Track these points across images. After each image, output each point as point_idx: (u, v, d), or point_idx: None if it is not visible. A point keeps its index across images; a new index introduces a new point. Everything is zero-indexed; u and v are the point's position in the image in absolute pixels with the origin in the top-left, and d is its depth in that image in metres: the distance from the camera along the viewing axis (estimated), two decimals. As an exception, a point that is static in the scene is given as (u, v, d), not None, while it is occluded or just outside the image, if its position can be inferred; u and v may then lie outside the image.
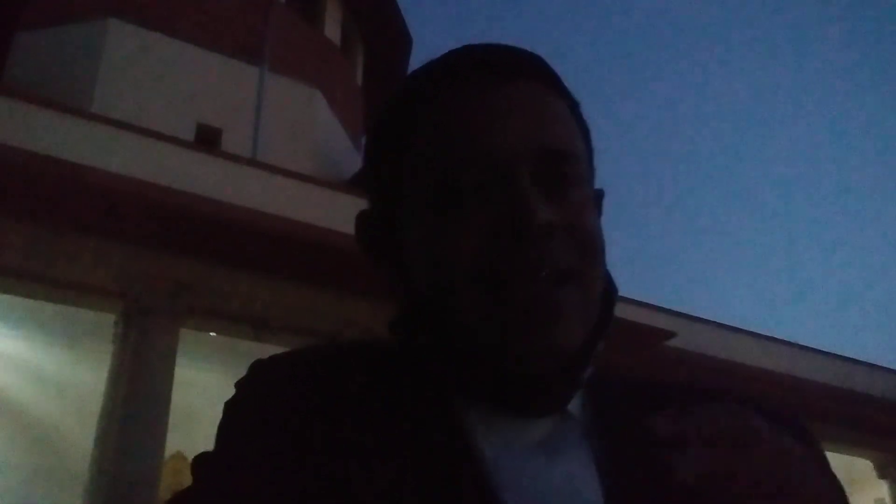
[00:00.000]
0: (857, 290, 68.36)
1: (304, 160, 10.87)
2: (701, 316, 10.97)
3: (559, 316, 0.50)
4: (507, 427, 0.53)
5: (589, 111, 0.62)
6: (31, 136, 6.90)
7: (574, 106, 0.59)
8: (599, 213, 0.60)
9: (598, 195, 0.61)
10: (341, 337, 8.56)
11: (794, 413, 0.58)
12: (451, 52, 0.58)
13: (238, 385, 0.57)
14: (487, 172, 0.52)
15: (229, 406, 0.56)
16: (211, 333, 8.62)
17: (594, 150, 0.61)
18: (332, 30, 13.68)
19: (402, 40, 15.01)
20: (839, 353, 12.56)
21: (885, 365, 12.99)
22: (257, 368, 0.57)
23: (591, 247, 0.53)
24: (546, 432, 0.53)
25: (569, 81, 0.60)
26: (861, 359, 12.77)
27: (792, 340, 12.19)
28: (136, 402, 7.12)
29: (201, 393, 9.49)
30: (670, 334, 9.31)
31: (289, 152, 10.71)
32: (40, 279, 7.39)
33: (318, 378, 0.54)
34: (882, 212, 67.87)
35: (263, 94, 11.20)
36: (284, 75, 11.66)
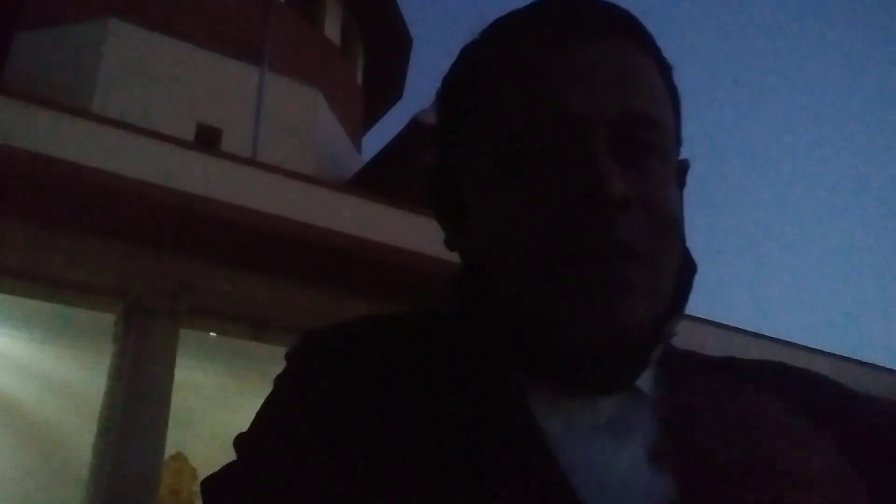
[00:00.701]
0: (857, 290, 68.35)
1: (304, 160, 10.87)
2: (701, 316, 10.97)
3: (625, 293, 0.47)
4: (572, 405, 0.50)
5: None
6: (31, 136, 6.90)
7: (665, 69, 0.54)
8: (682, 185, 0.56)
9: (682, 167, 0.57)
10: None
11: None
12: (536, 2, 0.54)
13: (288, 357, 0.55)
14: (560, 134, 0.48)
15: (279, 379, 0.54)
16: (211, 333, 8.61)
17: (682, 118, 0.56)
18: (332, 30, 13.68)
19: (402, 40, 15.01)
20: (839, 354, 12.57)
21: (885, 365, 13.01)
22: (308, 340, 0.55)
23: (667, 223, 0.49)
24: (613, 411, 0.50)
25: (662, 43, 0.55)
26: (861, 359, 12.79)
27: (792, 340, 12.20)
28: (136, 402, 7.11)
29: (201, 393, 9.51)
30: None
31: (289, 152, 10.71)
32: (40, 279, 7.39)
33: (372, 351, 0.52)
34: (883, 211, 67.87)
35: (263, 94, 11.20)
36: (284, 75, 11.66)
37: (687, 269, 0.54)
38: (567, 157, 0.48)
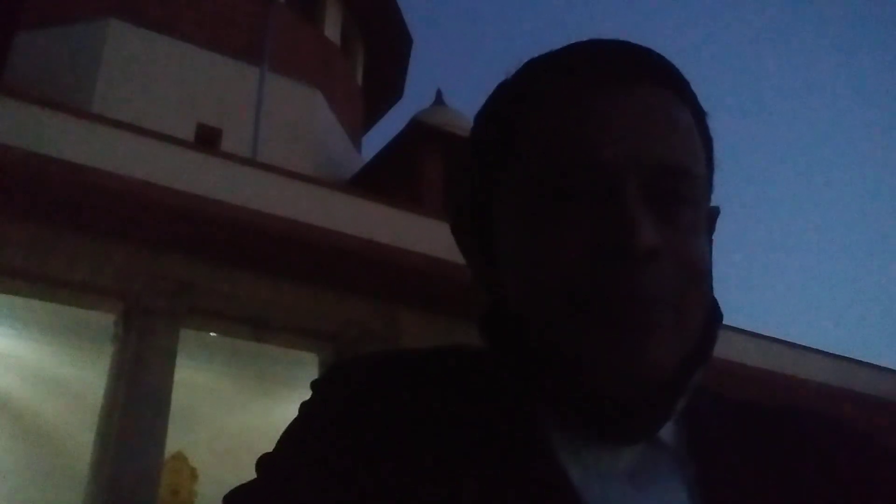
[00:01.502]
0: (857, 290, 68.42)
1: (304, 160, 10.87)
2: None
3: (650, 335, 0.47)
4: (594, 452, 0.50)
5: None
6: (31, 137, 6.90)
7: (700, 116, 0.54)
8: (711, 232, 0.56)
9: (712, 214, 0.57)
10: (341, 337, 8.57)
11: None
12: (573, 46, 0.54)
13: (314, 386, 0.56)
14: (594, 182, 0.49)
15: (304, 407, 0.55)
16: (211, 333, 8.62)
17: (715, 164, 0.56)
18: (332, 30, 13.68)
19: (402, 40, 15.02)
20: (839, 353, 12.57)
21: (885, 365, 13.01)
22: (336, 372, 0.56)
23: (695, 274, 0.49)
24: (635, 460, 0.51)
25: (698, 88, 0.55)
26: (861, 359, 12.79)
27: (792, 340, 12.20)
28: (136, 402, 7.12)
29: (201, 393, 9.51)
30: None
31: (289, 152, 10.71)
32: (40, 279, 7.39)
33: (398, 387, 0.53)
34: (883, 211, 67.93)
35: (263, 94, 11.21)
36: (284, 75, 11.67)
37: (713, 318, 0.54)
38: (600, 204, 0.49)
